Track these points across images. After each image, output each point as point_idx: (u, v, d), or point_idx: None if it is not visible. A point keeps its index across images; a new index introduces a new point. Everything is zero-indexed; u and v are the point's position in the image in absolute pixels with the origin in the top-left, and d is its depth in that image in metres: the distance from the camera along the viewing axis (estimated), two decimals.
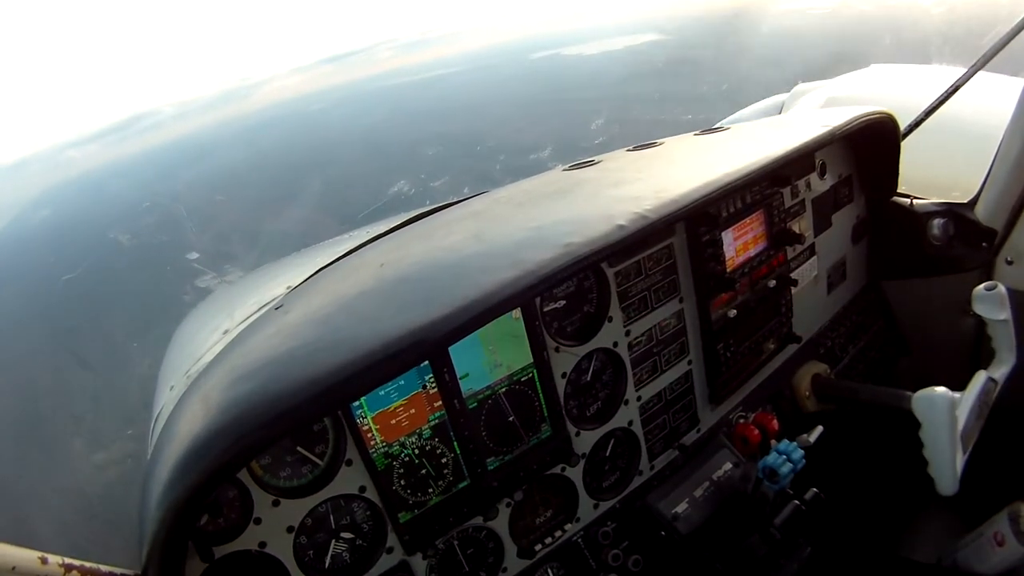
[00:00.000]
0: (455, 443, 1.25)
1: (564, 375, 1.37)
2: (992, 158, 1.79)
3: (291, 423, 0.89)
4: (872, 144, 1.91)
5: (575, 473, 1.41)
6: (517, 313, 1.26)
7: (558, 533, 1.40)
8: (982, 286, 1.43)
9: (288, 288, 1.57)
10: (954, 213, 1.91)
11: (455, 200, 1.89)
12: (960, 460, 1.36)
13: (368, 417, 1.14)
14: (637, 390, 1.49)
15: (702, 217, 1.50)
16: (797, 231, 1.77)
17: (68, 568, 0.87)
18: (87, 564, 0.90)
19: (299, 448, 1.10)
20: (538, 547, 1.38)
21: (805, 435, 1.51)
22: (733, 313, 1.59)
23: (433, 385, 1.20)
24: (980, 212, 1.88)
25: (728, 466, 1.53)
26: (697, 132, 2.09)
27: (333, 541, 1.16)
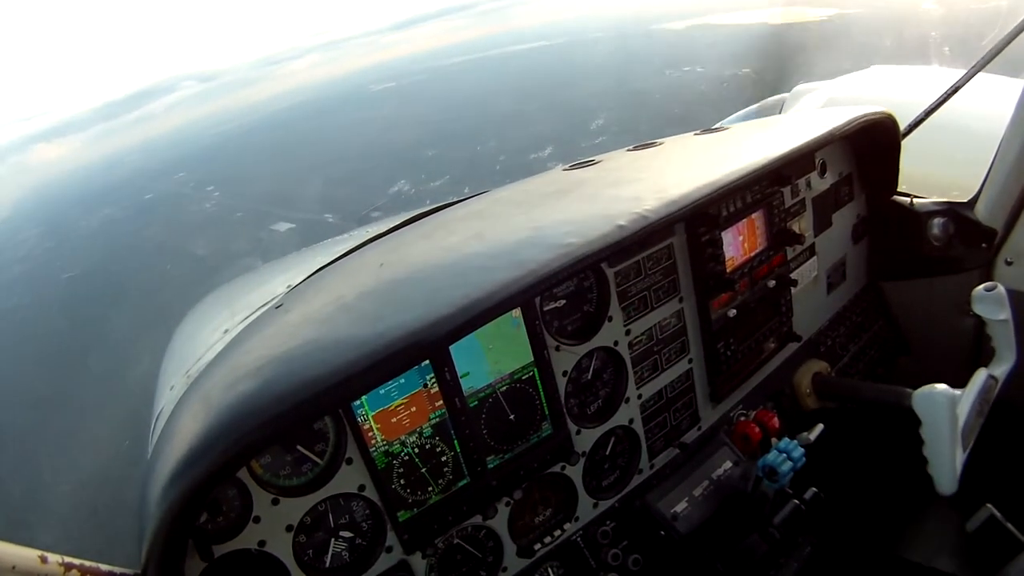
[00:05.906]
0: (455, 441, 1.25)
1: (565, 373, 1.37)
2: (992, 158, 1.80)
3: (292, 422, 0.89)
4: (872, 144, 1.91)
5: (575, 472, 1.41)
6: (517, 312, 1.26)
7: (557, 532, 1.40)
8: (982, 286, 1.43)
9: (288, 287, 1.57)
10: (954, 212, 1.91)
11: (455, 200, 1.89)
12: (960, 459, 1.36)
13: (369, 416, 1.14)
14: (638, 388, 1.49)
15: (702, 217, 1.50)
16: (797, 231, 1.77)
17: (68, 567, 0.87)
18: (87, 563, 0.90)
19: (299, 447, 1.10)
20: (537, 546, 1.38)
21: (806, 433, 1.51)
22: (733, 313, 1.60)
23: (434, 384, 1.20)
24: (980, 212, 1.88)
25: (728, 465, 1.53)
26: (697, 132, 2.10)
27: (332, 540, 1.16)
